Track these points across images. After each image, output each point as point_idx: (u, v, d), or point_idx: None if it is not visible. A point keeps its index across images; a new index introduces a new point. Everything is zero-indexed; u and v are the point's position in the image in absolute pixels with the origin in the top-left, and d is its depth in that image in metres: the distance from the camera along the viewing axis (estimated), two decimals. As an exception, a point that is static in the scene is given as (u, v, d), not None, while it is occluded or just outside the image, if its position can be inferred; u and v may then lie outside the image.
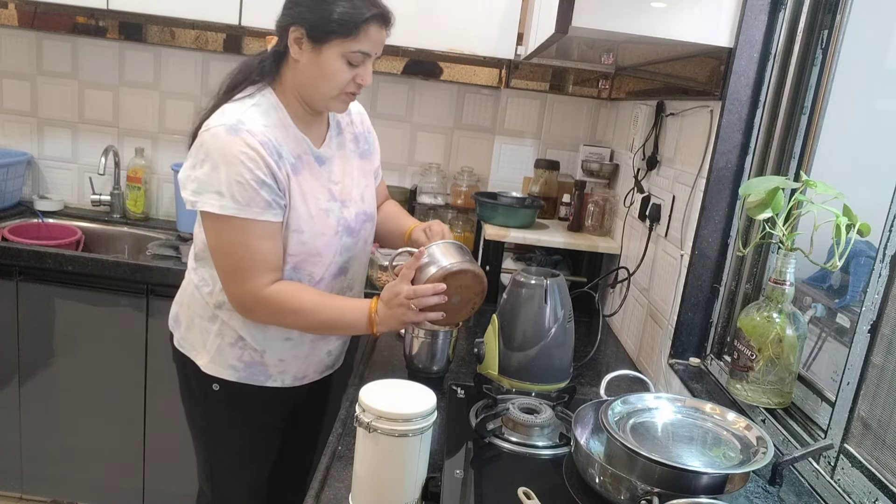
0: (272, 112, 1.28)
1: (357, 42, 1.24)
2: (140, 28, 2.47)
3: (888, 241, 0.93)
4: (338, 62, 1.25)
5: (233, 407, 1.43)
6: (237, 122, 1.22)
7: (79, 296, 2.08)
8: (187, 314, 1.42)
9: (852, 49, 1.20)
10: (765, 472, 1.03)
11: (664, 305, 1.58)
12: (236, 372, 1.38)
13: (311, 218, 1.31)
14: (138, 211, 2.57)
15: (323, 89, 1.28)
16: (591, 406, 1.14)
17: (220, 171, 1.20)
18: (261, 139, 1.22)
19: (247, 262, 1.25)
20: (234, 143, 1.20)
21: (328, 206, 1.34)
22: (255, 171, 1.21)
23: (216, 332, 1.37)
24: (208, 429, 1.47)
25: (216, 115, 1.26)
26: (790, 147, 1.30)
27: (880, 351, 0.94)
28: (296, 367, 1.43)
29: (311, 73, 1.26)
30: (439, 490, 0.99)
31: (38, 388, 2.16)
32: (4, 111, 2.59)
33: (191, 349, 1.41)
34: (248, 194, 1.21)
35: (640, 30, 1.31)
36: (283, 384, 1.43)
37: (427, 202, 2.49)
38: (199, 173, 1.22)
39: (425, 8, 2.10)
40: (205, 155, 1.22)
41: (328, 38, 1.23)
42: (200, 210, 1.24)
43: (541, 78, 2.43)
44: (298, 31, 1.23)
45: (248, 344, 1.37)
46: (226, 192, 1.20)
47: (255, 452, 1.49)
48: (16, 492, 2.27)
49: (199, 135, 1.25)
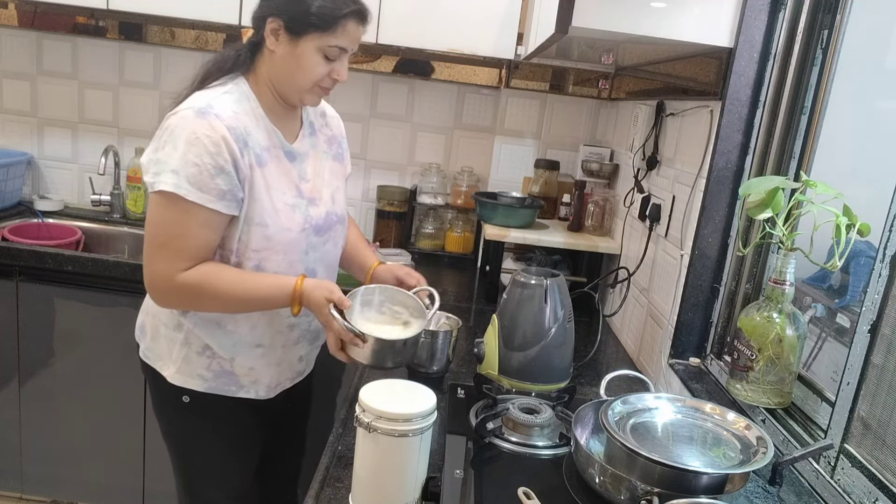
0: (244, 101, 1.26)
1: (335, 37, 1.23)
2: (140, 28, 2.47)
3: (888, 241, 0.93)
4: (314, 56, 1.23)
5: (206, 418, 1.37)
6: (206, 106, 1.19)
7: (79, 296, 2.08)
8: (152, 323, 1.36)
9: (852, 49, 1.20)
10: (765, 472, 1.03)
11: (664, 305, 1.58)
12: (205, 382, 1.33)
13: (276, 212, 1.27)
14: (138, 211, 2.57)
15: (298, 81, 1.26)
16: (591, 406, 1.14)
17: (179, 150, 1.16)
18: (228, 124, 1.19)
19: (177, 243, 1.19)
20: (199, 125, 1.17)
21: (294, 202, 1.30)
22: (216, 157, 1.17)
23: (182, 341, 1.32)
24: (183, 441, 1.42)
25: (187, 100, 1.23)
26: (790, 147, 1.30)
27: (880, 351, 0.94)
28: (268, 375, 1.37)
29: (286, 64, 1.25)
30: (439, 490, 0.99)
31: (38, 388, 2.16)
32: (4, 111, 2.59)
33: (157, 360, 1.36)
34: (202, 178, 1.17)
35: (641, 30, 1.31)
36: (257, 395, 1.37)
37: (427, 202, 2.49)
38: (160, 154, 1.19)
39: (425, 8, 2.10)
40: (168, 136, 1.19)
41: (306, 31, 1.21)
42: (155, 191, 1.18)
43: (541, 78, 2.43)
44: (276, 23, 1.22)
45: (215, 353, 1.32)
46: (181, 171, 1.16)
47: (233, 462, 1.43)
48: (16, 492, 2.27)
49: (165, 118, 1.22)
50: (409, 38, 2.10)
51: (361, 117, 2.54)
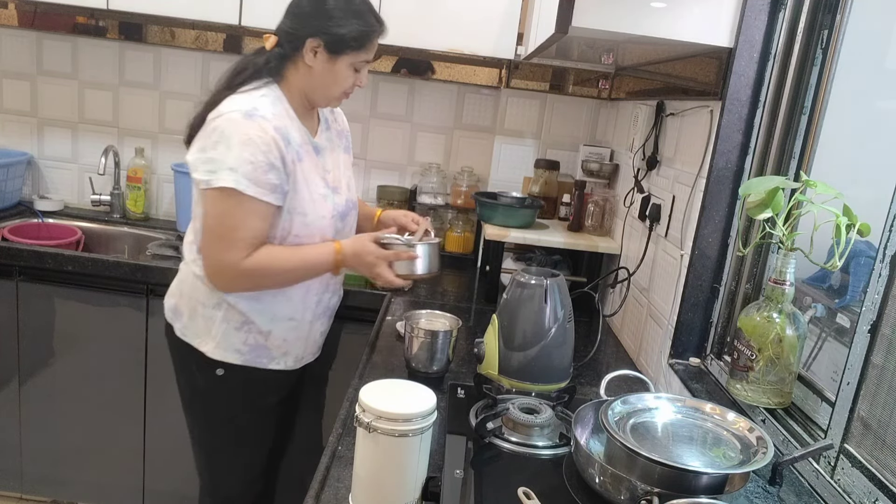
0: (278, 104, 1.41)
1: (366, 53, 1.43)
2: (140, 28, 2.47)
3: (888, 241, 0.93)
4: (347, 70, 1.43)
5: (234, 390, 1.50)
6: (252, 109, 1.33)
7: (79, 296, 2.08)
8: (189, 304, 1.47)
9: (852, 49, 1.20)
10: (765, 472, 1.03)
11: (664, 305, 1.58)
12: (241, 355, 1.47)
13: (313, 202, 1.43)
14: (138, 211, 2.57)
15: (331, 91, 1.45)
16: (591, 406, 1.14)
17: (234, 150, 1.30)
18: (274, 125, 1.34)
19: (237, 234, 1.33)
20: (250, 126, 1.31)
21: (324, 192, 1.47)
22: (268, 155, 1.32)
23: (222, 318, 1.45)
24: (208, 415, 1.54)
25: (227, 103, 1.35)
26: (790, 147, 1.30)
27: (880, 351, 0.94)
28: (296, 347, 1.53)
29: (324, 78, 1.42)
30: (439, 490, 0.99)
31: (38, 388, 2.16)
32: (4, 111, 2.59)
33: (194, 337, 1.47)
34: (257, 174, 1.31)
35: (641, 30, 1.31)
36: (286, 367, 1.53)
37: (427, 202, 2.49)
38: (212, 154, 1.31)
39: (425, 8, 2.10)
40: (219, 137, 1.31)
41: (344, 52, 1.40)
42: (214, 187, 1.31)
43: (541, 78, 2.43)
44: (316, 42, 1.39)
45: (253, 327, 1.45)
46: (238, 168, 1.30)
47: (252, 436, 1.57)
48: (16, 492, 2.27)
49: (209, 121, 1.34)
50: (410, 38, 2.10)
51: (361, 117, 2.54)
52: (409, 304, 1.97)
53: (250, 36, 2.45)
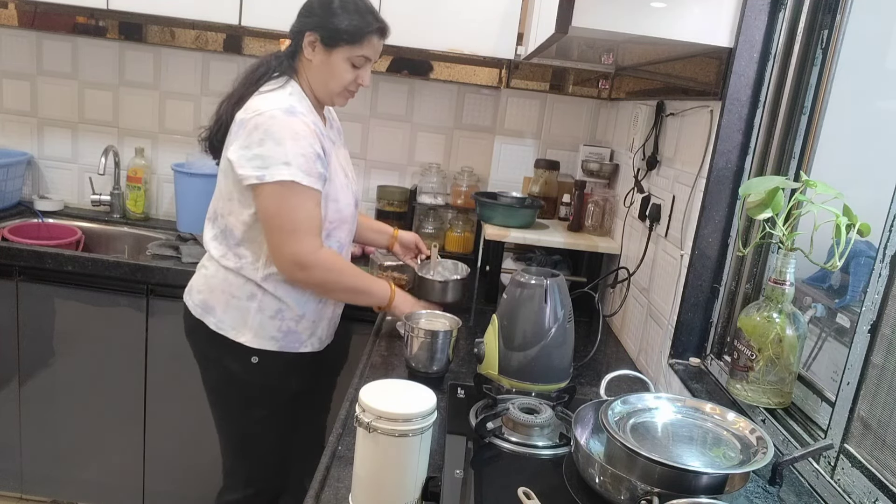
0: (303, 100, 1.49)
1: (361, 48, 1.48)
2: (140, 28, 2.47)
3: (888, 241, 0.92)
4: (344, 64, 1.49)
5: (268, 376, 1.56)
6: (290, 107, 1.41)
7: (79, 296, 2.08)
8: (222, 298, 1.52)
9: (852, 49, 1.20)
10: (765, 472, 1.03)
11: (664, 305, 1.58)
12: (277, 342, 1.54)
13: (342, 189, 1.54)
14: (138, 211, 2.57)
15: (331, 86, 1.51)
16: (591, 406, 1.14)
17: (286, 145, 1.37)
18: (310, 119, 1.44)
19: (306, 224, 1.42)
20: (294, 122, 1.39)
21: (345, 182, 1.58)
22: (315, 146, 1.41)
23: (256, 308, 1.51)
24: (241, 402, 1.58)
25: (259, 102, 1.43)
26: (790, 147, 1.30)
27: (880, 351, 0.94)
28: (321, 329, 1.62)
29: (321, 71, 1.50)
30: (439, 490, 0.99)
31: (38, 388, 2.16)
32: (4, 111, 2.59)
33: (230, 329, 1.52)
34: (310, 165, 1.40)
35: (641, 30, 1.31)
36: (313, 348, 1.61)
37: (427, 202, 2.49)
38: (260, 150, 1.38)
39: (425, 8, 2.10)
40: (263, 134, 1.38)
41: (338, 45, 1.46)
42: (269, 181, 1.37)
43: (541, 78, 2.43)
44: (313, 36, 1.46)
45: (287, 312, 1.53)
46: (293, 162, 1.38)
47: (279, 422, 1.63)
48: (16, 492, 2.27)
49: (245, 120, 1.41)
50: (409, 38, 2.10)
51: (361, 117, 2.54)
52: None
53: (250, 36, 2.45)
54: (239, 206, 1.47)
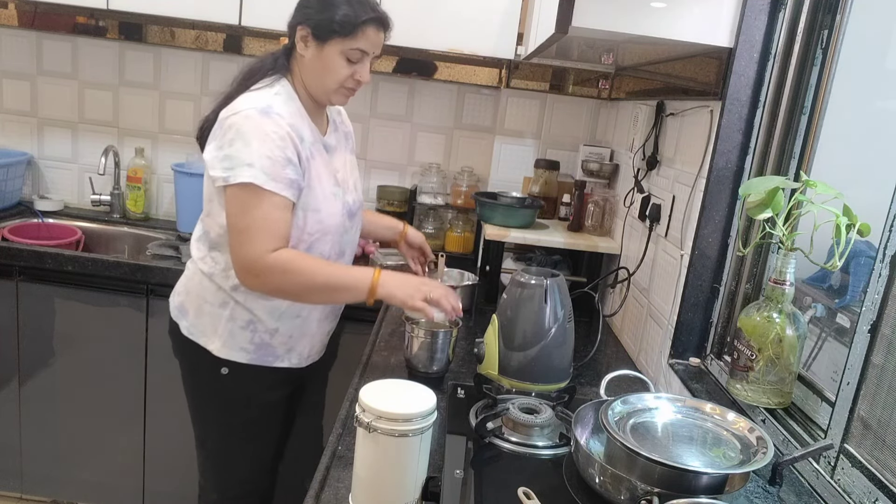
0: (291, 101, 1.40)
1: (355, 41, 1.37)
2: (140, 28, 2.47)
3: (888, 241, 0.92)
4: (338, 58, 1.38)
5: (240, 388, 1.49)
6: (267, 106, 1.33)
7: (79, 296, 2.08)
8: (195, 302, 1.47)
9: (852, 49, 1.20)
10: (765, 472, 1.03)
11: (664, 305, 1.58)
12: (247, 354, 1.46)
13: (325, 199, 1.43)
14: (138, 211, 2.57)
15: (325, 82, 1.41)
16: (591, 406, 1.14)
17: (252, 146, 1.30)
18: (288, 122, 1.34)
19: (260, 226, 1.32)
20: (266, 123, 1.31)
21: (334, 191, 1.47)
22: (285, 151, 1.32)
23: (228, 317, 1.44)
24: (214, 413, 1.53)
25: (240, 100, 1.35)
26: (790, 147, 1.30)
27: (880, 351, 0.94)
28: (301, 345, 1.52)
29: (314, 66, 1.40)
30: (439, 490, 0.99)
31: (38, 388, 2.16)
32: (4, 111, 2.59)
33: (201, 335, 1.47)
34: (275, 169, 1.31)
35: (640, 30, 1.31)
36: (290, 364, 1.52)
37: (427, 202, 2.49)
38: (229, 151, 1.31)
39: (425, 8, 2.10)
40: (235, 134, 1.31)
41: (330, 37, 1.36)
42: (233, 183, 1.30)
43: (541, 78, 2.43)
44: (305, 30, 1.38)
45: (259, 325, 1.45)
46: (256, 164, 1.29)
47: (257, 433, 1.56)
48: (16, 492, 2.27)
49: (223, 118, 1.33)
50: (410, 38, 2.10)
51: (361, 117, 2.54)
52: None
53: (250, 36, 2.45)
54: (217, 208, 1.40)
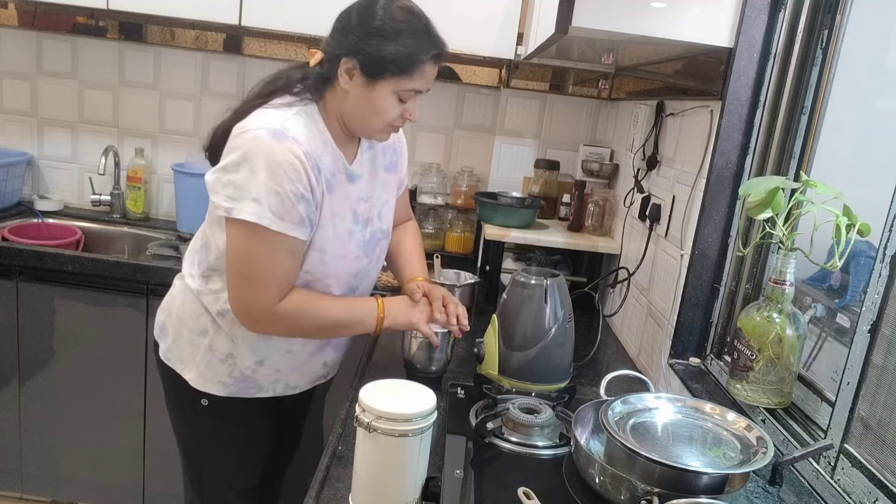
0: (312, 125, 1.23)
1: (411, 81, 1.21)
2: (140, 28, 2.47)
3: (888, 241, 0.93)
4: (389, 98, 1.21)
5: (223, 421, 1.38)
6: (281, 128, 1.15)
7: (79, 296, 2.08)
8: (175, 325, 1.36)
9: (852, 49, 1.20)
10: (765, 472, 1.03)
11: (664, 305, 1.58)
12: (226, 388, 1.34)
13: (335, 238, 1.27)
14: (138, 211, 2.57)
15: (371, 122, 1.24)
16: (591, 406, 1.14)
17: (260, 176, 1.13)
18: (305, 149, 1.16)
19: (266, 274, 1.18)
20: (278, 149, 1.13)
21: (352, 228, 1.30)
22: (296, 184, 1.15)
23: (206, 347, 1.32)
24: (197, 442, 1.43)
25: (254, 117, 1.19)
26: (790, 147, 1.30)
27: (880, 351, 0.94)
28: (290, 377, 1.39)
29: (360, 105, 1.22)
30: (439, 490, 0.99)
31: (38, 388, 2.16)
32: (4, 111, 2.59)
33: (178, 362, 1.36)
34: (284, 206, 1.14)
35: (640, 30, 1.31)
36: (275, 393, 1.39)
37: (427, 202, 2.49)
38: (234, 177, 1.14)
39: (425, 8, 2.09)
40: (242, 157, 1.14)
41: (382, 76, 1.19)
42: (235, 217, 1.15)
43: (541, 78, 2.43)
44: (351, 63, 1.19)
45: (239, 361, 1.32)
46: (263, 200, 1.13)
47: (244, 462, 1.46)
48: (16, 492, 2.27)
49: (234, 135, 1.18)
50: (409, 38, 2.10)
51: (361, 117, 2.54)
52: (409, 304, 1.97)
53: (250, 36, 2.45)
54: (218, 231, 1.26)
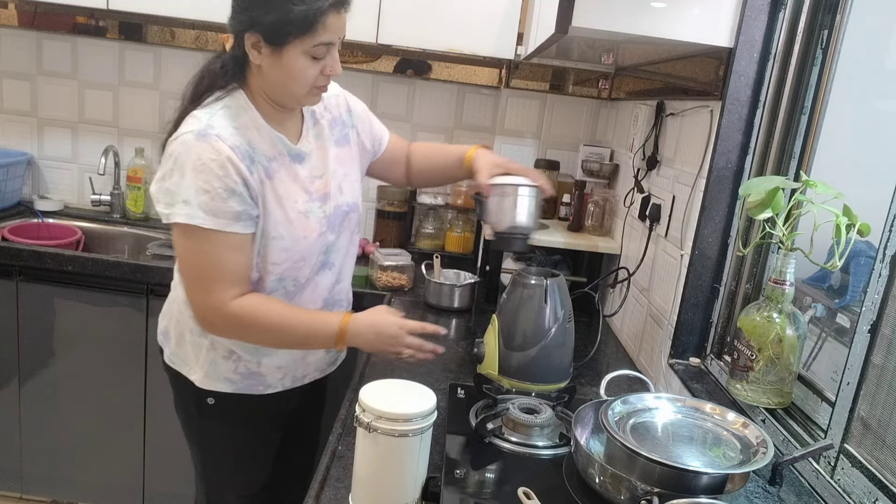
0: (242, 114, 1.23)
1: (317, 35, 1.17)
2: (140, 28, 2.47)
3: (888, 241, 0.93)
4: (302, 60, 1.18)
5: (230, 419, 1.39)
6: (206, 127, 1.16)
7: (79, 296, 2.08)
8: (177, 329, 1.37)
9: (852, 49, 1.20)
10: (765, 472, 1.03)
11: (664, 305, 1.58)
12: (233, 384, 1.35)
13: (290, 223, 1.26)
14: (138, 211, 2.57)
15: (292, 89, 1.22)
16: (591, 406, 1.14)
17: (187, 178, 1.14)
18: (231, 143, 1.17)
19: (212, 273, 1.19)
20: (202, 149, 1.15)
21: (307, 208, 1.29)
22: (225, 180, 1.15)
23: (208, 346, 1.33)
24: (205, 441, 1.44)
25: (186, 122, 1.20)
26: (790, 147, 1.30)
27: (880, 351, 0.94)
28: (294, 369, 1.40)
29: (276, 76, 1.20)
30: (439, 490, 0.99)
31: (38, 388, 2.16)
32: (4, 111, 2.59)
33: (183, 365, 1.37)
34: (215, 203, 1.15)
35: (640, 30, 1.31)
36: (284, 387, 1.40)
37: (427, 202, 2.49)
38: (168, 184, 1.17)
39: (425, 8, 2.10)
40: (174, 164, 1.16)
41: (287, 40, 1.16)
42: (173, 221, 1.17)
43: (541, 78, 2.43)
44: (255, 37, 1.17)
45: (241, 357, 1.34)
46: (193, 200, 1.14)
47: (253, 459, 1.47)
48: (16, 492, 2.27)
49: (167, 145, 1.19)
50: (409, 39, 2.10)
51: (361, 117, 2.54)
52: (410, 304, 1.97)
53: (250, 36, 2.45)
54: None
